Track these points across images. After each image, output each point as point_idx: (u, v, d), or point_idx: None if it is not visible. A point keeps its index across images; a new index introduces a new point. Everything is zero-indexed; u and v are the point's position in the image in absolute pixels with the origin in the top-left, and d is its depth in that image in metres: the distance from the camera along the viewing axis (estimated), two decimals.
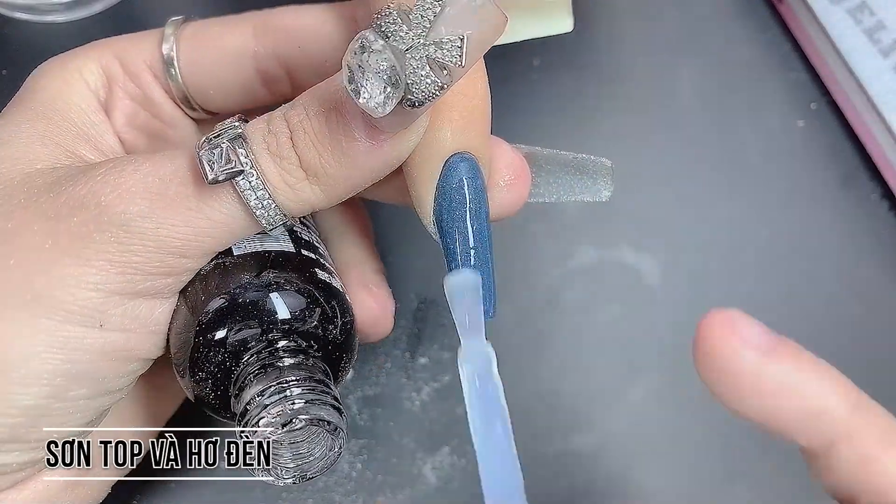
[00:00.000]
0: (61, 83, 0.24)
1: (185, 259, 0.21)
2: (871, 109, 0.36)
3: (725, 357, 0.16)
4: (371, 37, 0.16)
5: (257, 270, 0.22)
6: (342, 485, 0.31)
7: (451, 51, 0.16)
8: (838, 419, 0.16)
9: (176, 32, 0.25)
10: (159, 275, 0.21)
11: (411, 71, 0.17)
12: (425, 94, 0.17)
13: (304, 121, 0.20)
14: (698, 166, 0.37)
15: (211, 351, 0.22)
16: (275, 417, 0.20)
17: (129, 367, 0.22)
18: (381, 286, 0.27)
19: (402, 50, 0.17)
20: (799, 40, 0.39)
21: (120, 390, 0.22)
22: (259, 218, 0.21)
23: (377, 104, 0.17)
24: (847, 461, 0.17)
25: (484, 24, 0.16)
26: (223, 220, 0.21)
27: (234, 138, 0.20)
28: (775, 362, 0.16)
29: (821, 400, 0.16)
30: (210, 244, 0.21)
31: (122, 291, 0.20)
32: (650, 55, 0.39)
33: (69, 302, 0.20)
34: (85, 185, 0.21)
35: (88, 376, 0.21)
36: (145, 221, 0.20)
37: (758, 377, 0.16)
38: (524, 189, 0.23)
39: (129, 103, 0.25)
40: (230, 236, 0.22)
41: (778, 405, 0.16)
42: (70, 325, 0.20)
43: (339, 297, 0.24)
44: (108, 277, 0.20)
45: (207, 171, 0.20)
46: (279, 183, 0.20)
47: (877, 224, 0.36)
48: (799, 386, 0.16)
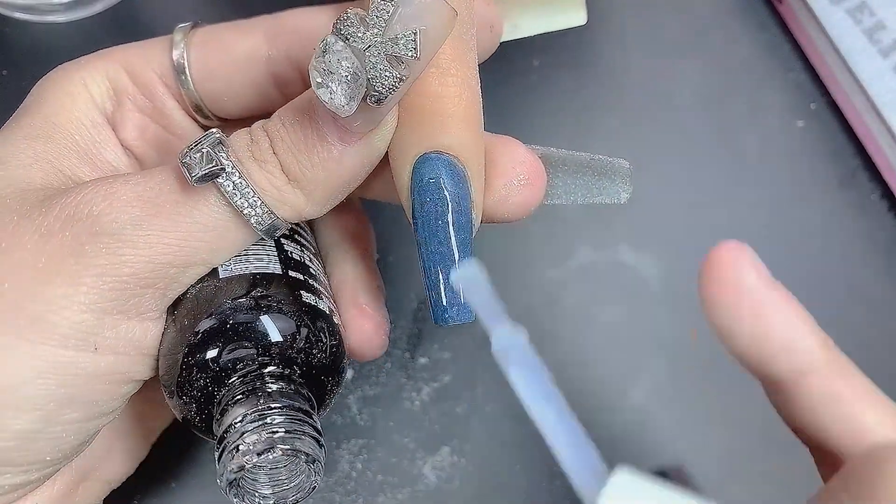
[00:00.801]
0: (65, 96, 0.24)
1: (176, 269, 0.21)
2: (871, 110, 0.36)
3: (733, 276, 0.19)
4: (332, 40, 0.18)
5: (242, 293, 0.22)
6: (342, 484, 0.31)
7: (407, 45, 0.18)
8: (813, 352, 0.19)
9: (186, 38, 0.25)
10: (149, 287, 0.21)
11: (371, 67, 0.18)
12: (386, 87, 0.18)
13: (281, 129, 0.21)
14: (698, 166, 0.37)
15: (196, 374, 0.22)
16: (252, 445, 0.20)
17: (122, 390, 0.22)
18: (377, 306, 0.27)
19: (361, 49, 0.18)
20: (799, 40, 0.39)
21: (112, 412, 0.22)
22: (248, 217, 0.21)
23: (342, 103, 0.18)
24: (813, 395, 0.19)
25: (435, 19, 0.18)
26: (212, 223, 0.21)
27: (215, 143, 0.20)
28: (773, 290, 0.19)
29: (800, 331, 0.19)
30: (202, 250, 0.21)
31: (114, 310, 0.20)
32: (650, 55, 0.39)
33: (63, 325, 0.20)
34: (77, 196, 0.21)
35: (82, 400, 0.21)
36: (136, 229, 0.20)
37: (757, 300, 0.19)
38: (539, 190, 0.23)
39: (139, 116, 0.25)
40: (222, 242, 0.21)
41: (766, 330, 0.19)
42: (64, 349, 0.20)
43: (326, 321, 0.23)
44: (99, 295, 0.20)
45: (190, 172, 0.20)
46: (266, 184, 0.21)
47: (876, 224, 0.36)
48: (787, 314, 0.19)
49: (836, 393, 0.19)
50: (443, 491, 0.31)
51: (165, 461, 0.30)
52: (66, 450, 0.21)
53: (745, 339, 0.19)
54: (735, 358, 0.20)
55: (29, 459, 0.20)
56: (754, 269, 0.19)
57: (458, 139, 0.21)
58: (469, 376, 0.33)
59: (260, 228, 0.21)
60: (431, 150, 0.21)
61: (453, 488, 0.31)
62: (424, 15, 0.18)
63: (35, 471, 0.21)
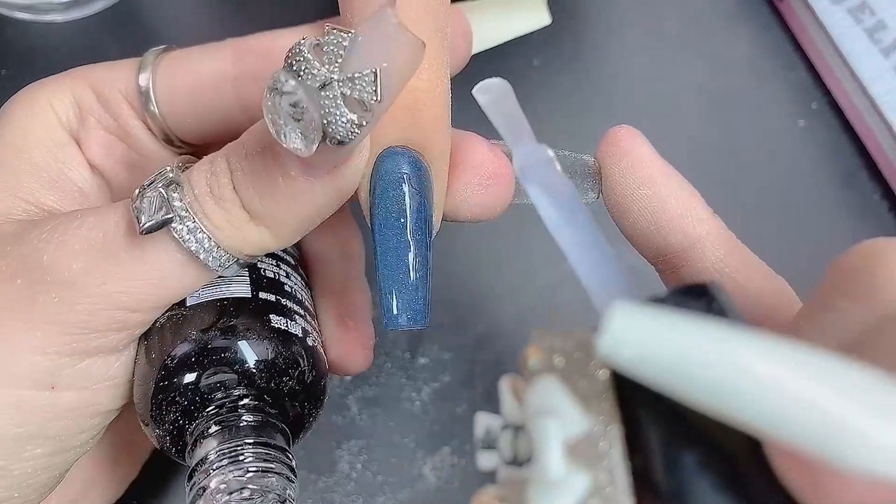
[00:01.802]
0: (29, 116, 0.23)
1: (136, 313, 0.20)
2: (872, 109, 0.36)
3: (629, 148, 0.21)
4: (283, 77, 0.15)
5: (208, 323, 0.22)
6: (342, 485, 0.31)
7: (366, 86, 0.15)
8: (704, 221, 0.20)
9: (154, 62, 0.24)
10: (110, 330, 0.20)
11: (326, 111, 0.15)
12: (343, 133, 0.16)
13: (242, 160, 0.19)
14: (698, 166, 0.37)
15: (167, 405, 0.21)
16: (222, 484, 0.19)
17: (90, 422, 0.21)
18: (362, 320, 0.26)
19: (315, 88, 0.15)
20: (800, 40, 0.39)
21: (82, 445, 0.21)
22: (205, 261, 0.20)
23: (298, 146, 0.16)
24: (705, 263, 0.20)
25: (400, 53, 0.15)
26: (169, 268, 0.20)
27: (168, 184, 0.19)
28: (665, 163, 0.21)
29: (693, 201, 0.21)
30: (162, 294, 0.20)
31: (71, 353, 0.20)
32: (650, 55, 0.39)
33: (16, 367, 0.19)
34: (28, 245, 0.20)
35: (44, 436, 0.20)
36: (89, 277, 0.19)
37: (652, 170, 0.20)
38: (505, 190, 0.21)
39: (103, 134, 0.24)
40: (181, 284, 0.20)
41: (662, 199, 0.20)
42: (18, 389, 0.19)
43: (298, 344, 0.23)
44: (54, 339, 0.19)
45: (139, 222, 0.19)
46: (224, 225, 0.20)
47: (877, 224, 0.36)
48: (680, 184, 0.21)
49: (727, 260, 0.20)
50: (443, 491, 0.31)
51: (165, 462, 0.30)
52: (35, 485, 0.21)
53: (642, 210, 0.20)
54: (630, 236, 0.22)
55: None
56: (647, 145, 0.21)
57: (426, 136, 0.20)
58: (469, 376, 0.32)
59: (221, 269, 0.20)
60: (397, 143, 0.20)
61: (453, 488, 0.31)
62: (387, 48, 0.15)
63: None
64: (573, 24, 0.40)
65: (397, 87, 0.16)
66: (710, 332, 0.11)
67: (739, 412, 0.11)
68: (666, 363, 0.11)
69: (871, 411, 0.10)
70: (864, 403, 0.10)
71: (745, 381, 0.11)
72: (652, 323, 0.12)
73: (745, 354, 0.11)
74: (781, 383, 0.11)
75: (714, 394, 0.11)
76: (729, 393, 0.11)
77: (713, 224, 0.21)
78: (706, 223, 0.21)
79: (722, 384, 0.11)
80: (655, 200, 0.20)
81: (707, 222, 0.21)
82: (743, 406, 0.11)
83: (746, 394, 0.11)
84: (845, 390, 0.10)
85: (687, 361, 0.11)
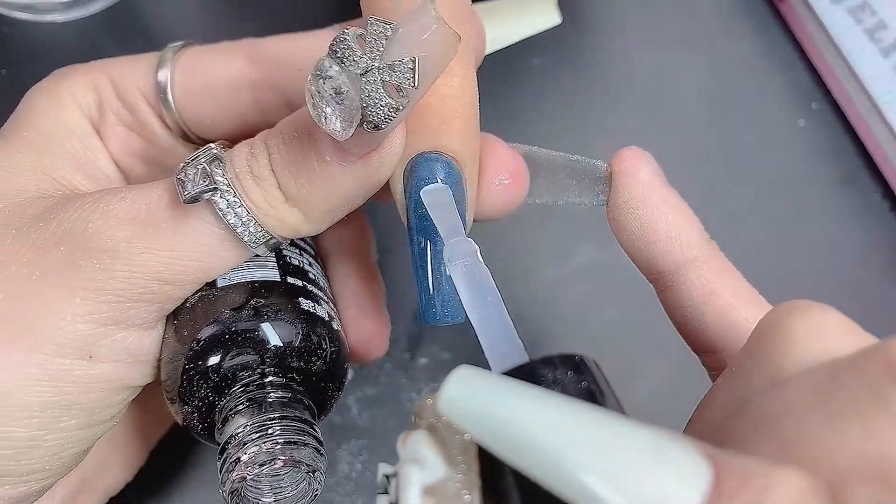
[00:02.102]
0: (55, 105, 0.24)
1: (169, 286, 0.21)
2: (872, 109, 0.36)
3: (629, 169, 0.22)
4: (327, 63, 0.17)
5: (242, 302, 0.22)
6: (342, 485, 0.31)
7: (404, 73, 0.16)
8: (694, 246, 0.21)
9: (173, 59, 0.24)
10: (143, 301, 0.21)
11: (366, 95, 0.17)
12: (381, 117, 0.17)
13: (280, 145, 0.20)
14: (699, 166, 0.37)
15: (197, 382, 0.22)
16: (253, 457, 0.20)
17: (119, 397, 0.22)
18: (378, 308, 0.27)
19: (357, 74, 0.17)
20: (800, 40, 0.39)
21: (110, 419, 0.22)
22: (241, 236, 0.21)
23: (337, 129, 0.17)
24: (693, 288, 0.21)
25: (437, 44, 0.17)
26: (206, 241, 0.21)
27: (212, 160, 0.20)
28: (664, 187, 0.22)
29: (685, 225, 0.21)
30: (195, 269, 0.21)
31: (107, 322, 0.20)
32: (651, 55, 0.39)
33: (57, 335, 0.20)
34: (74, 213, 0.21)
35: (79, 407, 0.21)
36: (130, 246, 0.20)
37: (648, 191, 0.21)
38: (521, 190, 0.23)
39: (122, 130, 0.25)
40: (216, 260, 0.21)
41: (653, 219, 0.21)
42: (60, 357, 0.20)
43: (325, 327, 0.23)
44: (92, 307, 0.20)
45: (183, 190, 0.20)
46: (262, 203, 0.20)
47: (877, 224, 0.36)
48: (674, 208, 0.21)
49: (714, 287, 0.21)
50: None
51: (164, 462, 0.30)
52: (64, 459, 0.21)
53: (634, 227, 0.22)
54: (625, 250, 0.23)
55: (28, 469, 0.20)
56: (649, 166, 0.22)
57: (459, 141, 0.21)
58: None
59: (255, 246, 0.21)
60: (431, 150, 0.21)
61: None
62: (425, 40, 0.16)
63: (34, 481, 0.21)
64: (574, 24, 0.40)
65: (433, 76, 0.17)
66: (519, 399, 0.13)
67: (531, 469, 0.13)
68: (484, 423, 0.13)
69: (609, 480, 0.12)
70: (632, 462, 0.12)
71: (529, 444, 0.13)
72: (479, 388, 0.13)
73: (533, 421, 0.13)
74: (552, 449, 0.12)
75: (513, 452, 0.13)
76: (522, 452, 0.13)
77: (704, 249, 0.21)
78: (696, 248, 0.21)
79: (517, 444, 0.13)
80: (646, 221, 0.21)
81: (697, 247, 0.21)
82: (532, 465, 0.13)
83: (532, 455, 0.13)
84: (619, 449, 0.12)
85: (496, 424, 0.13)
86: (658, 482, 0.12)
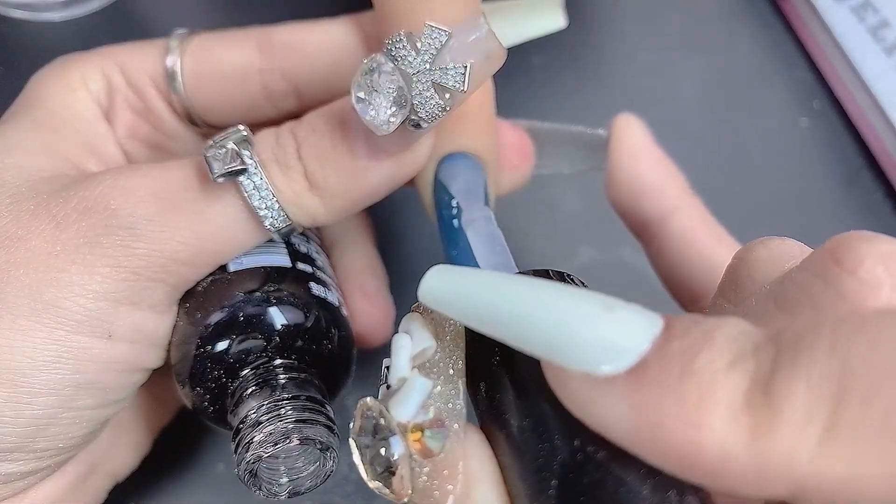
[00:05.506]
0: (65, 90, 0.24)
1: (185, 267, 0.21)
2: (875, 108, 0.36)
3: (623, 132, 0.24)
4: (382, 60, 0.18)
5: (255, 287, 0.23)
6: (341, 486, 0.30)
7: (456, 77, 0.18)
8: (676, 197, 0.23)
9: (181, 45, 0.25)
10: (159, 281, 0.21)
11: (417, 93, 0.18)
12: (429, 114, 0.18)
13: (310, 135, 0.21)
14: (700, 165, 0.37)
15: (209, 365, 0.22)
16: (268, 436, 0.20)
17: (132, 378, 0.22)
18: (382, 294, 0.27)
19: (409, 73, 0.18)
20: (802, 38, 0.39)
21: (122, 400, 0.22)
22: (263, 219, 0.21)
23: (383, 122, 0.18)
24: (676, 235, 0.23)
25: (486, 55, 0.18)
26: (226, 222, 0.21)
27: (241, 141, 0.20)
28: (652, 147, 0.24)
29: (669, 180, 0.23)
30: (213, 250, 0.21)
31: (126, 300, 0.20)
32: (652, 54, 0.39)
33: (78, 312, 0.20)
34: (96, 189, 0.21)
35: (95, 386, 0.21)
36: (151, 224, 0.20)
37: (636, 149, 0.24)
38: (529, 166, 0.25)
39: (130, 115, 0.25)
40: (233, 242, 0.22)
41: (639, 173, 0.24)
42: (79, 335, 0.20)
43: (334, 312, 0.24)
44: (113, 284, 0.20)
45: (213, 168, 0.20)
46: (285, 188, 0.21)
47: (880, 223, 0.35)
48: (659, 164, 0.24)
49: (696, 233, 0.22)
50: None
51: (164, 461, 0.30)
52: (77, 437, 0.21)
53: (625, 179, 0.24)
54: (615, 206, 0.25)
55: (42, 446, 0.20)
56: (638, 131, 0.24)
57: (483, 141, 0.22)
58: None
59: (273, 230, 0.21)
60: (458, 150, 0.22)
61: None
62: (478, 50, 0.18)
63: (47, 458, 0.21)
64: (574, 23, 0.39)
65: (478, 82, 0.18)
66: (491, 278, 0.15)
67: (503, 336, 0.14)
68: (457, 303, 0.15)
69: (584, 318, 0.13)
70: (581, 314, 0.13)
71: (504, 309, 0.14)
72: (452, 276, 0.15)
73: (498, 293, 0.14)
74: (522, 308, 0.14)
75: (483, 322, 0.14)
76: (496, 320, 0.14)
77: (687, 199, 0.23)
78: (679, 199, 0.23)
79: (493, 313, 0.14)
80: (636, 174, 0.24)
81: (680, 198, 0.23)
82: (501, 331, 0.14)
83: (500, 321, 0.14)
84: (569, 307, 0.13)
85: (473, 300, 0.15)
86: (614, 328, 0.13)
